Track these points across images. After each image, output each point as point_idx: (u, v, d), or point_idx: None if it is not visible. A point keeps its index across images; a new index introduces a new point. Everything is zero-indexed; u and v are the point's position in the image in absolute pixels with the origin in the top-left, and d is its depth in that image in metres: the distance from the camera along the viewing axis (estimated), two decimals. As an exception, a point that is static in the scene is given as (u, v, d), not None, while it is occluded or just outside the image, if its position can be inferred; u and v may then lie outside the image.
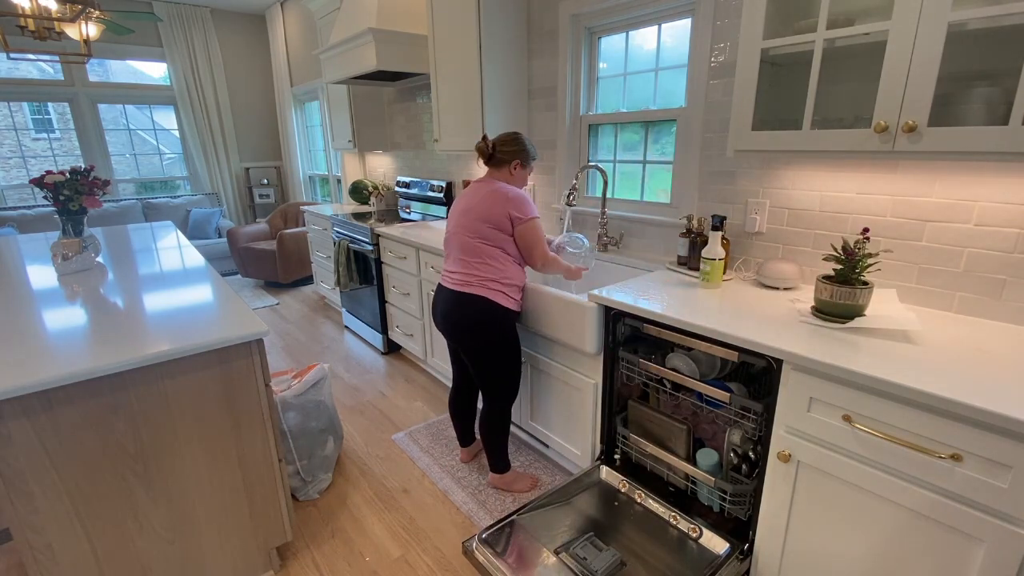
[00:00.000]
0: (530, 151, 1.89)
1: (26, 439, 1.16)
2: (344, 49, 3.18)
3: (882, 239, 1.55)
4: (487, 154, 1.87)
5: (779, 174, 1.76)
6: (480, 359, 1.86)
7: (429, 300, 2.75)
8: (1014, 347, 1.21)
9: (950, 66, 1.28)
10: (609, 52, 2.40)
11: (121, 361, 1.22)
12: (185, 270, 2.05)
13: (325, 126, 4.87)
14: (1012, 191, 1.30)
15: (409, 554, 1.74)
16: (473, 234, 1.78)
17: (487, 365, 1.86)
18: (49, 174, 1.93)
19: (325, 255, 4.10)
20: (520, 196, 1.78)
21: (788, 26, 1.44)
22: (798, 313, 1.45)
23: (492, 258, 1.79)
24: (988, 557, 0.99)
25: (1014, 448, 0.92)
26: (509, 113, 2.64)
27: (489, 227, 1.76)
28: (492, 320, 1.80)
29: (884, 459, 1.10)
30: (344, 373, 3.13)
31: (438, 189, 3.46)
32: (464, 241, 1.81)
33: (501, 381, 1.89)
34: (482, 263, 1.79)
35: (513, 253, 1.82)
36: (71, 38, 4.08)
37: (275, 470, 1.55)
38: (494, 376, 1.88)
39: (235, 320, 1.46)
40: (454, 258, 1.85)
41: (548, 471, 2.14)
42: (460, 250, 1.82)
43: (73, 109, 5.14)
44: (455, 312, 1.82)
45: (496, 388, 1.90)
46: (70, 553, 1.27)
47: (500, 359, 1.86)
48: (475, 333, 1.82)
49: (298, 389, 1.95)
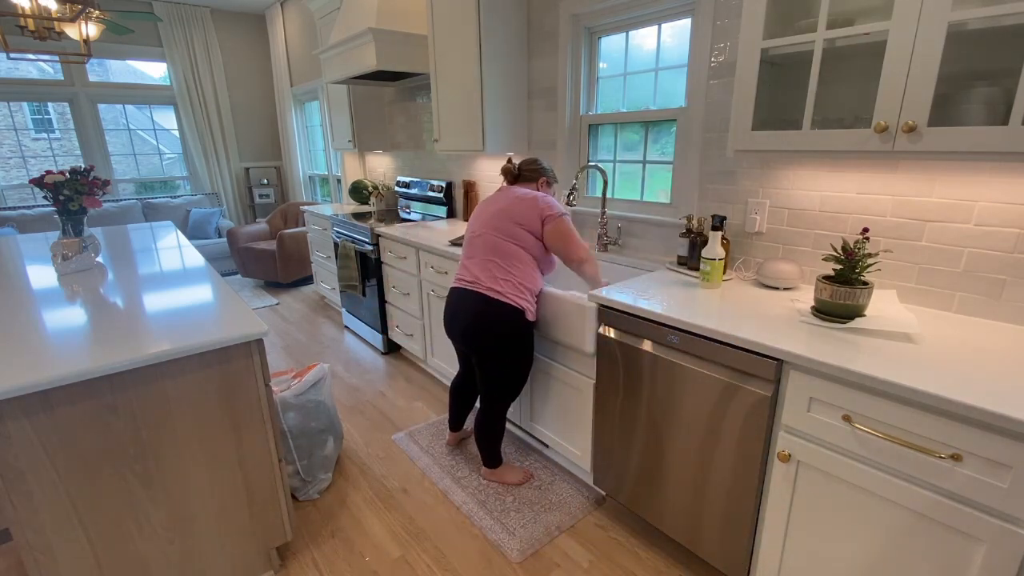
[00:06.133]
0: (552, 173, 2.01)
1: (26, 439, 1.16)
2: (344, 49, 3.18)
3: (882, 239, 1.55)
4: (513, 175, 1.97)
5: (779, 174, 1.76)
6: (494, 366, 1.86)
7: (429, 300, 2.75)
8: (1014, 347, 1.21)
9: (950, 66, 1.28)
10: (609, 52, 2.40)
11: (121, 361, 1.21)
12: (185, 270, 2.05)
13: (325, 126, 4.87)
14: (1012, 191, 1.30)
15: (409, 554, 1.74)
16: (505, 235, 1.80)
17: (499, 372, 1.87)
18: (49, 174, 1.93)
19: (325, 255, 4.10)
20: (548, 197, 1.87)
21: (788, 26, 1.44)
22: (798, 313, 1.45)
23: (519, 260, 1.81)
24: (988, 557, 0.99)
25: (1014, 448, 0.92)
26: (509, 113, 2.64)
27: (522, 229, 1.79)
28: (517, 333, 1.82)
29: (884, 459, 1.10)
30: (344, 373, 3.13)
31: (438, 189, 3.46)
32: (493, 241, 1.82)
33: (507, 388, 1.91)
34: (509, 265, 1.80)
35: (539, 258, 1.85)
36: (71, 38, 4.09)
37: (275, 470, 1.55)
38: (502, 383, 1.89)
39: (235, 320, 1.46)
40: (479, 259, 1.84)
41: (548, 471, 2.14)
42: (487, 250, 1.83)
43: (73, 109, 5.14)
44: (481, 319, 1.80)
45: (499, 393, 1.91)
46: (70, 553, 1.27)
47: (514, 370, 1.88)
48: (498, 344, 1.82)
49: (298, 389, 1.95)
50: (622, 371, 1.67)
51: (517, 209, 1.81)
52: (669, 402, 1.54)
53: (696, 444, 1.50)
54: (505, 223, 1.81)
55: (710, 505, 1.50)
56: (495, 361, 1.85)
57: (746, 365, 1.32)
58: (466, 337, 1.84)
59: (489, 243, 1.83)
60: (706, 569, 1.67)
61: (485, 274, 1.81)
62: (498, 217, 1.83)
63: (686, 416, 1.50)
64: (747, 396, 1.33)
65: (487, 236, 1.84)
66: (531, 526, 1.84)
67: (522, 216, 1.80)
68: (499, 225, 1.82)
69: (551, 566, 1.69)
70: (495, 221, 1.83)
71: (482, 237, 1.85)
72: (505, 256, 1.80)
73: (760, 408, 1.31)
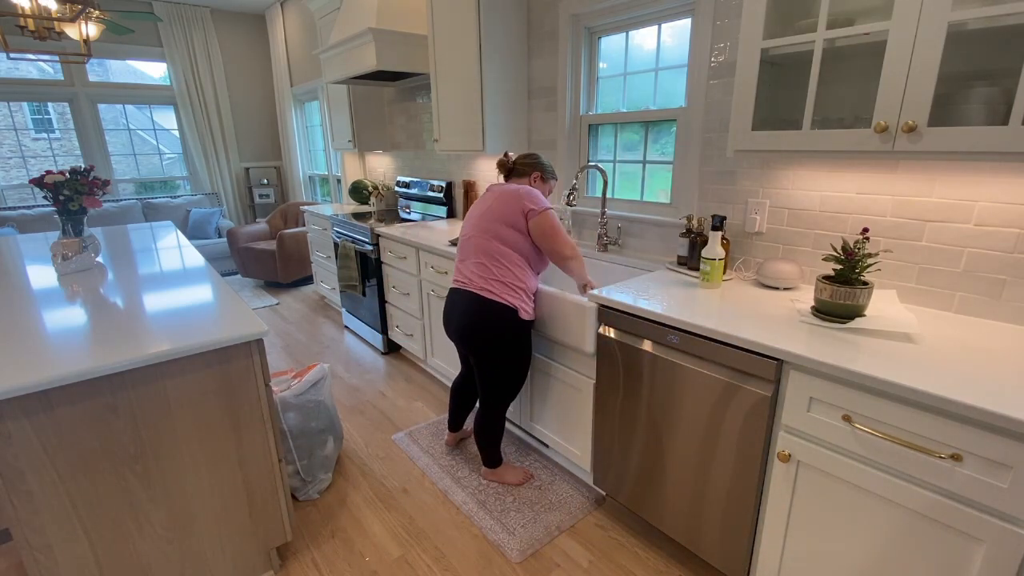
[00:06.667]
0: (550, 167, 1.97)
1: (26, 439, 1.16)
2: (344, 49, 3.18)
3: (882, 239, 1.55)
4: (508, 168, 1.94)
5: (779, 174, 1.76)
6: (491, 366, 1.86)
7: (429, 300, 2.75)
8: (1014, 347, 1.21)
9: (950, 66, 1.29)
10: (609, 52, 2.40)
11: (121, 361, 1.21)
12: (185, 270, 2.05)
13: (325, 126, 4.87)
14: (1012, 191, 1.30)
15: (409, 554, 1.74)
16: (492, 236, 1.79)
17: (496, 372, 1.87)
18: (49, 174, 1.93)
19: (325, 255, 4.10)
20: (532, 190, 1.82)
21: (788, 26, 1.44)
22: (798, 313, 1.45)
23: (510, 261, 1.79)
24: (988, 557, 0.99)
25: (1014, 448, 0.92)
26: (509, 113, 2.64)
27: (507, 227, 1.77)
28: (512, 332, 1.82)
29: (884, 459, 1.10)
30: (344, 373, 3.13)
31: (438, 189, 3.46)
32: (483, 243, 1.81)
33: (505, 388, 1.91)
34: (500, 266, 1.79)
35: (529, 256, 1.82)
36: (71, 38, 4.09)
37: (275, 470, 1.55)
38: (500, 383, 1.90)
39: (235, 320, 1.46)
40: (472, 261, 1.84)
41: (548, 471, 2.14)
42: (478, 253, 1.82)
43: (73, 109, 5.14)
44: (475, 318, 1.80)
45: (497, 393, 1.91)
46: (70, 553, 1.27)
47: (511, 369, 1.88)
48: (493, 343, 1.82)
49: (298, 389, 1.95)
50: (622, 371, 1.67)
51: (500, 207, 1.80)
52: (669, 402, 1.54)
53: (696, 444, 1.50)
54: (491, 224, 1.80)
55: (710, 505, 1.50)
56: (491, 361, 1.85)
57: (746, 365, 1.32)
58: (463, 337, 1.85)
59: (479, 246, 1.82)
60: (706, 569, 1.67)
61: (477, 275, 1.81)
62: (484, 218, 1.82)
63: (686, 416, 1.50)
64: (747, 396, 1.33)
65: (476, 239, 1.83)
66: (531, 526, 1.84)
67: (504, 214, 1.78)
68: (486, 227, 1.81)
69: (551, 566, 1.69)
70: (482, 223, 1.82)
71: (472, 239, 1.85)
72: (495, 257, 1.79)
73: (760, 408, 1.31)
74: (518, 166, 1.94)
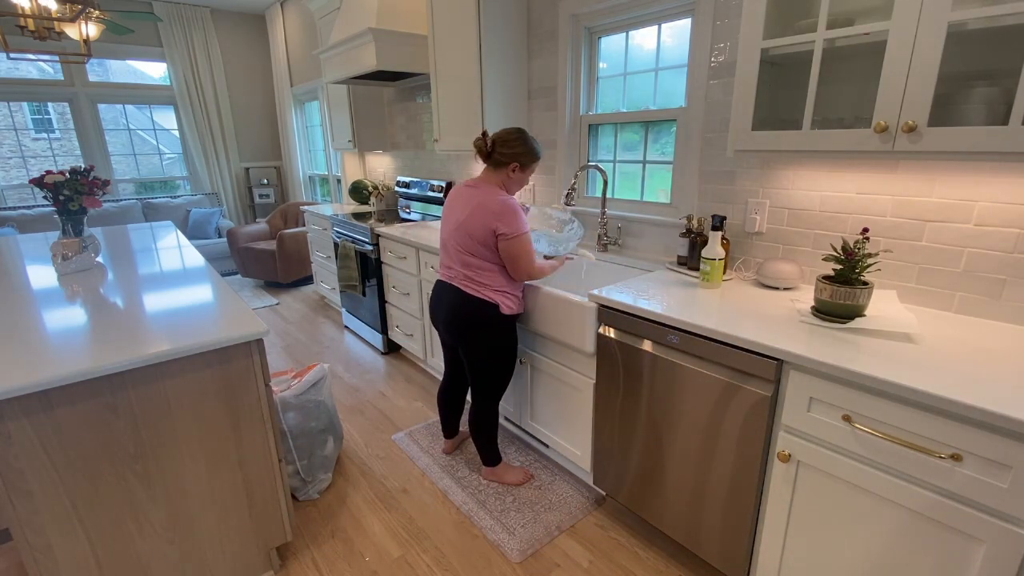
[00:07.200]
0: (533, 150, 1.79)
1: (26, 439, 1.16)
2: (344, 49, 3.18)
3: (882, 239, 1.55)
4: (485, 152, 1.79)
5: (779, 174, 1.76)
6: (478, 359, 1.88)
7: (429, 300, 2.75)
8: (1014, 347, 1.21)
9: (950, 66, 1.28)
10: (609, 52, 2.40)
11: (121, 361, 1.21)
12: (185, 270, 2.05)
13: (325, 126, 4.87)
14: (1012, 191, 1.30)
15: (409, 554, 1.74)
16: (466, 251, 1.80)
17: (484, 365, 1.89)
18: (49, 174, 1.93)
19: (325, 255, 4.10)
20: (509, 208, 1.70)
21: (788, 26, 1.44)
22: (798, 313, 1.45)
23: (486, 270, 1.80)
24: (988, 557, 0.99)
25: (1014, 448, 0.92)
26: (509, 113, 2.64)
27: (478, 244, 1.76)
28: (494, 326, 1.83)
29: (884, 459, 1.10)
30: (344, 373, 3.13)
31: (438, 189, 3.46)
32: (459, 255, 1.82)
33: (494, 381, 1.93)
34: (478, 274, 1.81)
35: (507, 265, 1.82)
36: (71, 38, 4.09)
37: (275, 470, 1.55)
38: (488, 375, 1.91)
39: (235, 320, 1.46)
40: (455, 260, 1.86)
41: (548, 471, 2.14)
42: (457, 256, 1.83)
43: (73, 109, 5.14)
44: (458, 312, 1.83)
45: (487, 386, 1.93)
46: (70, 553, 1.27)
47: (497, 361, 1.90)
48: (476, 336, 1.84)
49: (298, 389, 1.95)
50: (622, 371, 1.67)
51: (472, 223, 1.74)
52: (669, 402, 1.54)
53: (696, 444, 1.50)
54: (464, 239, 1.78)
55: (710, 505, 1.50)
56: (476, 353, 1.87)
57: (746, 365, 1.32)
58: (449, 328, 1.88)
59: (456, 254, 1.83)
60: (706, 569, 1.67)
61: (461, 273, 1.83)
62: (459, 232, 1.79)
63: (686, 416, 1.50)
64: (747, 396, 1.33)
65: (452, 248, 1.84)
66: (531, 526, 1.84)
67: (475, 232, 1.73)
68: (461, 240, 1.79)
69: (551, 566, 1.69)
70: (457, 235, 1.80)
71: (450, 246, 1.85)
72: (473, 267, 1.80)
73: (760, 408, 1.31)
74: (497, 153, 1.77)
